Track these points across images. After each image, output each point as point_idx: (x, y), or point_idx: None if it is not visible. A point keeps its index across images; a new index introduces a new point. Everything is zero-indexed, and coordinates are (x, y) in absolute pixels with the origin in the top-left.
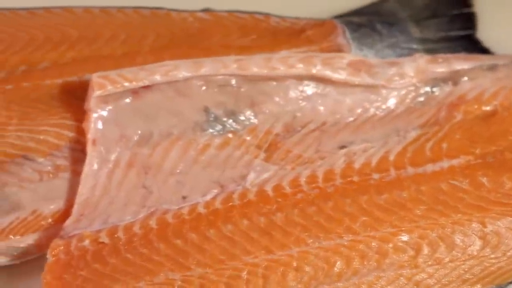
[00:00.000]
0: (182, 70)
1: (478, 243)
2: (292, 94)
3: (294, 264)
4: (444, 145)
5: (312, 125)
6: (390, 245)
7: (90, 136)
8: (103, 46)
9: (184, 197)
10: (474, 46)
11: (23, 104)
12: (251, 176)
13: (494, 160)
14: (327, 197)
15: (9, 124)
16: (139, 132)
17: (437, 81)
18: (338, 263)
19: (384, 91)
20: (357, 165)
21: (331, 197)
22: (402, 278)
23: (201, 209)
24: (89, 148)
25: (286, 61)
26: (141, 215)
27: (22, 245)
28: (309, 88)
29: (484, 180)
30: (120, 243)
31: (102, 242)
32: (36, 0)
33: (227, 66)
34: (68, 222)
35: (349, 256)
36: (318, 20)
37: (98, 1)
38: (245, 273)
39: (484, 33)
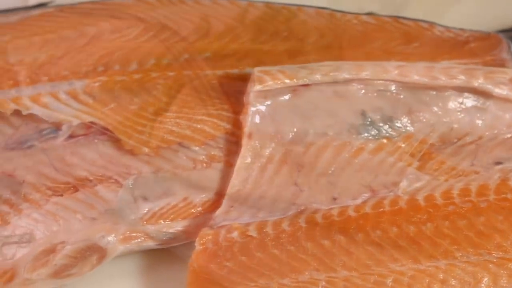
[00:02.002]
0: (343, 71)
1: None
2: (451, 105)
3: (441, 276)
4: None
5: (468, 138)
6: None
7: (246, 129)
8: (265, 41)
9: (334, 198)
10: None
11: (183, 92)
12: (404, 183)
13: None
14: (479, 212)
15: (168, 111)
16: (295, 129)
17: None
18: (485, 279)
19: None
20: None
21: (484, 212)
22: None
23: (351, 212)
24: (244, 141)
25: (448, 72)
26: (290, 212)
27: (171, 230)
28: (469, 101)
29: None
30: (268, 238)
31: (250, 236)
32: None
33: (388, 71)
34: (218, 212)
35: (497, 274)
36: (483, 33)
37: None
38: (390, 280)
39: None
